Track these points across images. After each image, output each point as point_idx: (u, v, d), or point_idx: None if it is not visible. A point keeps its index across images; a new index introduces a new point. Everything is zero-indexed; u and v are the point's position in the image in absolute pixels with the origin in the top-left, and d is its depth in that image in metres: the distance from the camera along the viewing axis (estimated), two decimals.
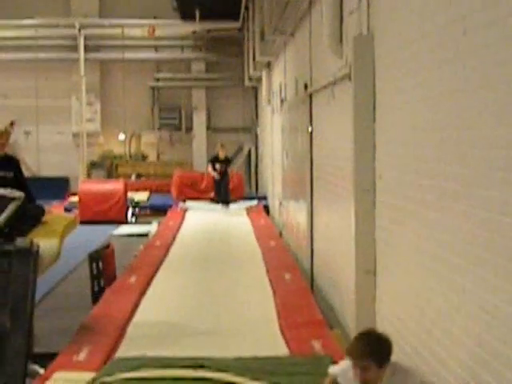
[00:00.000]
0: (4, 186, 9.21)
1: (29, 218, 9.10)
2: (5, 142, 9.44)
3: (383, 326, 7.75)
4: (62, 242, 9.22)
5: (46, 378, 7.17)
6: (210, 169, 25.12)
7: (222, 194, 24.77)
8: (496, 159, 4.65)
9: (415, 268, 6.55)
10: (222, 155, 24.83)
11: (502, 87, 4.55)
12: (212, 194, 25.66)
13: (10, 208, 8.94)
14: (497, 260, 4.62)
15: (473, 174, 5.06)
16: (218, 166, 24.61)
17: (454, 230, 5.46)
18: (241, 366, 6.42)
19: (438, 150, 5.91)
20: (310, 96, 13.02)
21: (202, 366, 6.36)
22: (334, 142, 10.56)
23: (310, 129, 13.20)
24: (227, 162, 25.41)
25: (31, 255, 8.57)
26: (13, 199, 9.03)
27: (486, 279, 4.81)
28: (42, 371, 7.88)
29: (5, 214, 8.91)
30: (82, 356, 8.10)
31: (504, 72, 4.51)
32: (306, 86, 13.40)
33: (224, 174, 24.90)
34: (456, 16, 5.33)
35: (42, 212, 9.48)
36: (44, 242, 8.81)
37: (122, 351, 8.44)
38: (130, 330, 9.51)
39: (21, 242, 8.66)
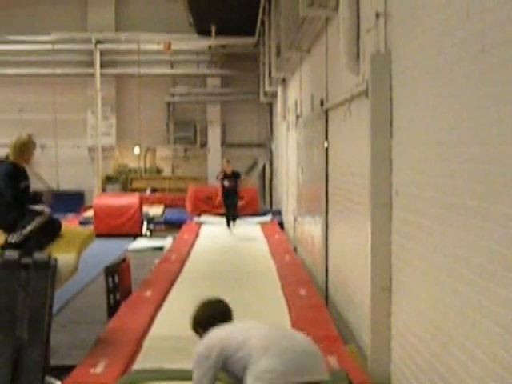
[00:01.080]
0: (28, 195, 9.33)
1: (47, 231, 9.16)
2: (32, 152, 9.54)
3: (398, 342, 7.80)
4: (79, 256, 9.27)
5: None
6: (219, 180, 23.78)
7: (231, 212, 23.05)
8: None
9: (431, 284, 6.57)
10: (228, 170, 23.05)
11: None
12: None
13: (37, 221, 9.02)
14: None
15: (491, 190, 5.08)
16: (226, 182, 22.79)
17: (471, 246, 5.49)
18: None
19: (456, 166, 5.93)
20: (326, 112, 13.05)
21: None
22: (350, 157, 10.58)
23: (325, 144, 13.22)
24: (236, 176, 23.23)
25: (49, 269, 8.63)
26: (37, 214, 9.11)
27: (502, 295, 4.83)
28: None
29: (30, 227, 8.99)
30: (99, 369, 8.12)
31: None
32: (321, 102, 13.44)
33: (234, 191, 23.02)
34: (474, 33, 5.37)
35: (60, 226, 9.55)
36: (62, 256, 8.87)
37: (139, 364, 8.48)
38: (146, 343, 9.56)
39: (39, 255, 8.72)
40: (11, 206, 9.02)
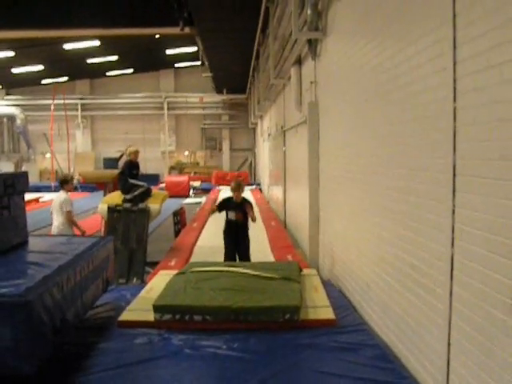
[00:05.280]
0: (137, 177, 9.38)
1: (145, 194, 9.24)
2: (137, 156, 9.56)
3: (322, 248, 7.91)
4: (161, 205, 9.36)
5: (155, 274, 7.29)
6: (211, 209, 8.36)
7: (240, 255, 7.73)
8: (369, 164, 4.84)
9: (338, 216, 6.68)
10: (237, 198, 7.65)
11: (385, 139, 4.70)
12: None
13: (140, 190, 9.10)
14: (378, 210, 4.79)
15: (359, 169, 5.22)
16: (232, 213, 7.69)
17: (356, 196, 5.60)
18: (252, 265, 6.55)
19: (347, 157, 6.01)
20: (284, 132, 13.05)
21: (232, 266, 6.49)
22: (297, 155, 10.60)
23: (284, 149, 13.25)
24: (245, 205, 7.59)
25: (146, 212, 8.74)
26: (141, 186, 9.19)
27: (374, 220, 4.97)
28: (151, 270, 8.04)
29: (137, 192, 9.07)
30: (172, 263, 8.28)
31: (386, 129, 4.65)
32: (282, 127, 13.48)
33: (242, 226, 7.72)
34: (361, 90, 5.45)
35: (151, 191, 9.61)
36: (152, 206, 8.96)
37: (192, 259, 8.61)
38: (195, 249, 9.70)
39: (141, 205, 8.82)
40: (128, 182, 9.11)
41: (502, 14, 2.59)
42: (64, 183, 8.56)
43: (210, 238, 10.96)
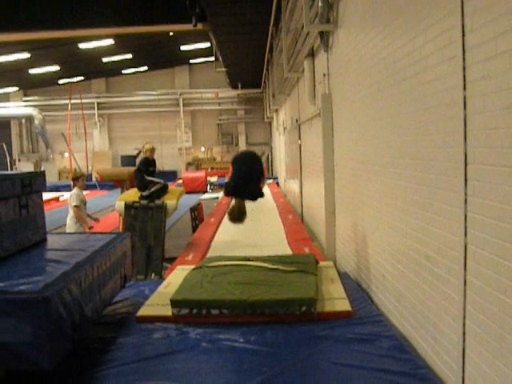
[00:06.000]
0: (154, 174, 9.50)
1: (162, 190, 9.33)
2: (153, 153, 9.68)
3: (339, 240, 7.91)
4: (178, 201, 9.43)
5: (172, 269, 7.34)
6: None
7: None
8: (381, 155, 4.83)
9: (352, 209, 6.67)
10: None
11: (395, 129, 4.69)
12: None
13: (156, 186, 9.20)
14: (390, 200, 4.79)
15: (371, 160, 5.19)
16: None
17: (368, 187, 5.60)
18: (268, 259, 6.57)
19: (361, 150, 6.00)
20: (299, 125, 13.05)
21: (249, 259, 6.52)
22: (312, 148, 10.61)
23: (299, 142, 13.25)
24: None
25: (163, 208, 8.82)
26: (157, 183, 9.29)
27: (387, 210, 4.97)
28: (169, 266, 8.11)
29: (150, 190, 9.18)
30: (189, 257, 8.30)
31: (398, 119, 4.64)
32: (296, 120, 13.47)
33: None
34: (371, 81, 5.44)
35: (167, 187, 9.70)
36: (169, 202, 9.04)
37: (209, 254, 8.62)
38: (212, 244, 9.69)
39: (157, 202, 8.91)
40: (144, 178, 9.20)
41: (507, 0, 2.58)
42: (75, 180, 8.76)
43: (228, 233, 10.99)
